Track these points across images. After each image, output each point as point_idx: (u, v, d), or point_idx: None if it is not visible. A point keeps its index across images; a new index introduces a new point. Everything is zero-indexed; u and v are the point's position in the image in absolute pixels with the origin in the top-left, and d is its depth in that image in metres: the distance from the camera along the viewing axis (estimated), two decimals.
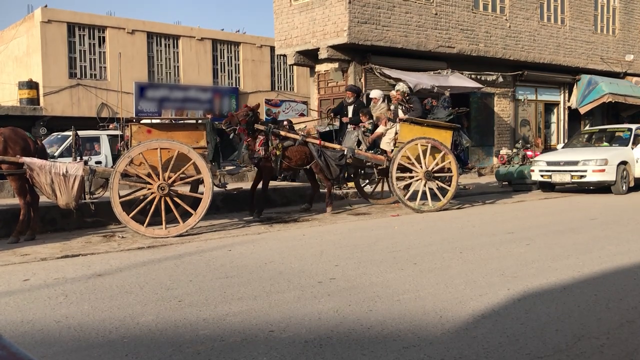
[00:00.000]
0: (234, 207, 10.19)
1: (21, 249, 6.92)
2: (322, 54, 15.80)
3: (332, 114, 11.51)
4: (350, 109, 11.11)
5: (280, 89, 28.33)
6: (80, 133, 10.00)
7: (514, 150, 16.11)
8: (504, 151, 16.33)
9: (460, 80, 17.21)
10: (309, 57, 16.68)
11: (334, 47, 15.62)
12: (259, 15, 70.68)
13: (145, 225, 7.69)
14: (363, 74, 16.18)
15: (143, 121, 8.60)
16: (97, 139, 14.16)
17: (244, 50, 26.95)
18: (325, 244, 7.01)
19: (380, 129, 10.48)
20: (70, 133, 12.28)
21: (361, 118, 10.67)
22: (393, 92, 11.14)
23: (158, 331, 3.73)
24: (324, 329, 3.71)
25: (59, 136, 14.04)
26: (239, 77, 26.87)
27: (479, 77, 18.30)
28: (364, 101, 12.08)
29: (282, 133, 9.77)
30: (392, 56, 16.38)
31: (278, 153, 9.49)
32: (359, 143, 10.33)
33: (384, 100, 11.48)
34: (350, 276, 5.18)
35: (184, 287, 4.92)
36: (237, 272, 5.52)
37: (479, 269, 5.45)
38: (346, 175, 10.49)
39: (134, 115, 18.43)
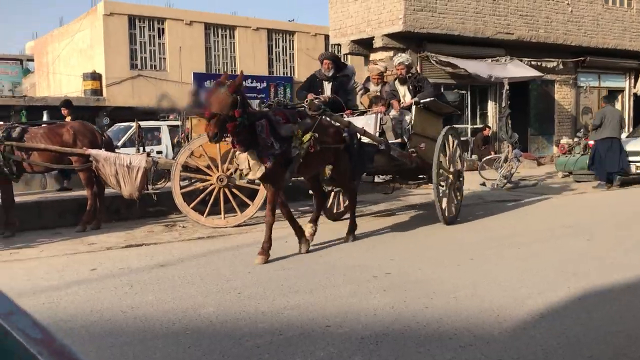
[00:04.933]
0: (288, 197, 10.30)
1: (88, 238, 7.23)
2: (377, 43, 15.72)
3: (306, 95, 7.41)
4: (329, 86, 7.96)
5: None
6: (142, 123, 10.31)
7: (575, 140, 15.60)
8: (564, 140, 15.84)
9: (519, 69, 16.79)
10: (364, 46, 16.60)
11: (389, 35, 15.51)
12: (313, 3, 70.65)
13: (205, 215, 7.90)
14: (419, 62, 16.00)
15: None
16: (157, 129, 14.59)
17: (299, 39, 27.05)
18: (378, 238, 7.03)
19: (392, 114, 7.73)
20: (132, 124, 12.70)
21: (375, 107, 7.69)
22: (380, 64, 8.77)
23: (219, 323, 3.86)
24: (380, 325, 3.75)
25: (122, 127, 14.53)
26: (293, 67, 27.02)
27: (538, 64, 17.78)
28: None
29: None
30: (448, 43, 16.13)
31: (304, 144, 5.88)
32: (380, 134, 7.45)
33: (353, 80, 8.58)
34: (405, 271, 5.20)
35: (243, 279, 5.05)
36: (293, 264, 5.62)
37: (537, 265, 5.36)
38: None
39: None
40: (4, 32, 74.05)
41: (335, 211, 8.38)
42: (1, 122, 10.35)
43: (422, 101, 7.64)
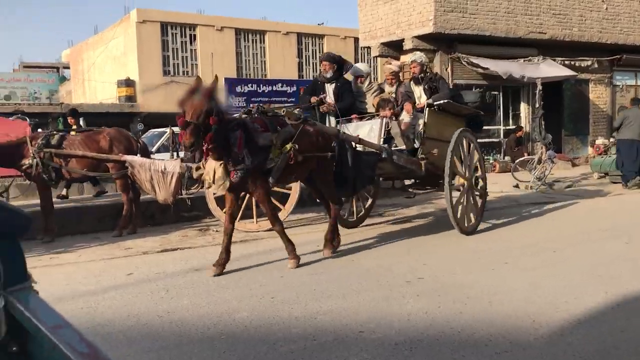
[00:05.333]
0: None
1: (124, 243, 7.37)
2: (407, 45, 15.64)
3: (309, 100, 7.60)
4: (331, 88, 7.60)
5: None
6: (175, 129, 10.47)
7: (611, 140, 15.28)
8: (599, 141, 15.54)
9: (552, 69, 16.51)
10: (394, 48, 16.55)
11: (419, 37, 15.44)
12: (341, 6, 70.73)
13: (237, 219, 7.97)
14: (450, 64, 15.90)
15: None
16: None
17: (328, 42, 27.12)
18: (410, 242, 6.99)
19: (406, 118, 7.24)
20: (165, 130, 12.89)
21: (382, 112, 7.12)
22: (394, 63, 8.20)
23: (253, 328, 3.90)
24: (414, 330, 3.74)
25: (156, 133, 14.78)
26: None
27: (572, 63, 17.47)
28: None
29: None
30: (479, 44, 15.96)
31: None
32: (386, 140, 6.95)
33: (370, 80, 8.27)
34: (438, 275, 5.17)
35: (276, 283, 5.09)
36: (325, 268, 5.64)
37: (573, 269, 5.28)
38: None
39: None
40: (41, 41, 75.97)
41: (351, 217, 8.10)
42: (40, 130, 10.66)
43: (435, 103, 7.11)
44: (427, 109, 7.05)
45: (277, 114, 5.94)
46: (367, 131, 6.88)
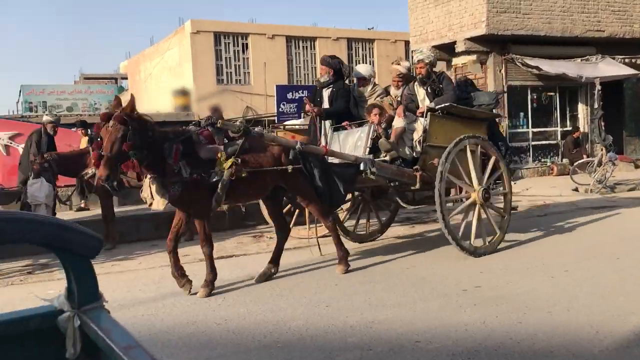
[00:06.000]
0: None
1: (182, 250, 7.48)
2: (459, 47, 15.44)
3: (313, 108, 7.12)
4: (326, 93, 7.24)
5: None
6: None
7: None
8: None
9: (611, 67, 15.94)
10: (445, 51, 16.34)
11: (471, 39, 15.20)
12: (392, 10, 70.42)
13: (290, 226, 8.03)
14: (503, 65, 15.59)
15: (287, 125, 9.00)
16: None
17: (378, 46, 27.03)
18: None
19: (398, 123, 6.50)
20: None
21: (369, 117, 6.58)
22: (403, 65, 7.43)
23: (309, 337, 3.92)
24: (471, 341, 3.68)
25: None
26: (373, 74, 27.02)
27: (633, 61, 16.79)
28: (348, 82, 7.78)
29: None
30: (534, 44, 15.58)
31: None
32: (372, 150, 6.33)
33: (374, 84, 7.71)
34: (496, 284, 5.07)
35: (330, 291, 5.11)
36: (381, 277, 5.61)
37: (638, 277, 5.07)
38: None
39: (276, 116, 19.25)
40: (100, 53, 78.80)
41: (361, 231, 7.64)
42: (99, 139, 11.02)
43: (437, 107, 6.45)
44: (429, 113, 6.36)
45: (227, 126, 5.38)
46: (355, 140, 6.40)
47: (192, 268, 6.44)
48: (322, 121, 7.08)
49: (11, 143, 11.08)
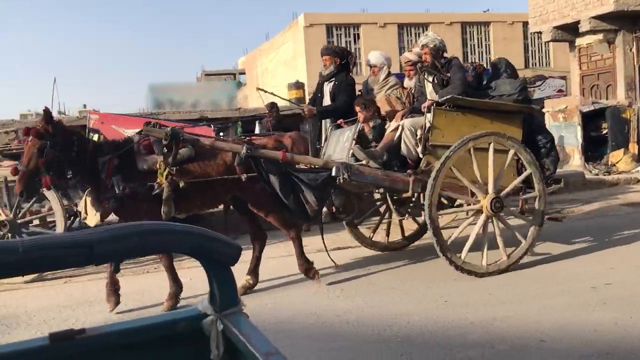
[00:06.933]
0: None
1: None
2: (584, 27, 14.50)
3: (303, 109, 6.78)
4: (328, 87, 6.66)
5: (535, 65, 26.77)
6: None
7: None
8: None
9: None
10: (568, 31, 15.43)
11: (597, 17, 14.21)
12: None
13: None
14: (635, 44, 14.43)
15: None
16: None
17: (494, 29, 26.08)
18: (597, 243, 6.48)
19: (391, 127, 5.83)
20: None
21: (358, 113, 5.93)
22: (415, 51, 6.56)
23: (428, 332, 3.91)
24: (603, 342, 3.49)
25: None
26: (489, 58, 26.09)
27: None
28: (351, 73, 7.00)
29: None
30: None
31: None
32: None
33: (389, 73, 6.83)
34: (629, 282, 4.76)
35: (447, 286, 5.03)
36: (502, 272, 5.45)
37: None
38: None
39: None
40: (220, 50, 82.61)
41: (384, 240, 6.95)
42: (222, 134, 11.58)
43: (441, 100, 5.49)
44: (433, 107, 5.40)
45: (177, 130, 4.98)
46: (344, 140, 5.72)
47: (310, 258, 6.63)
48: (323, 120, 6.68)
49: None
